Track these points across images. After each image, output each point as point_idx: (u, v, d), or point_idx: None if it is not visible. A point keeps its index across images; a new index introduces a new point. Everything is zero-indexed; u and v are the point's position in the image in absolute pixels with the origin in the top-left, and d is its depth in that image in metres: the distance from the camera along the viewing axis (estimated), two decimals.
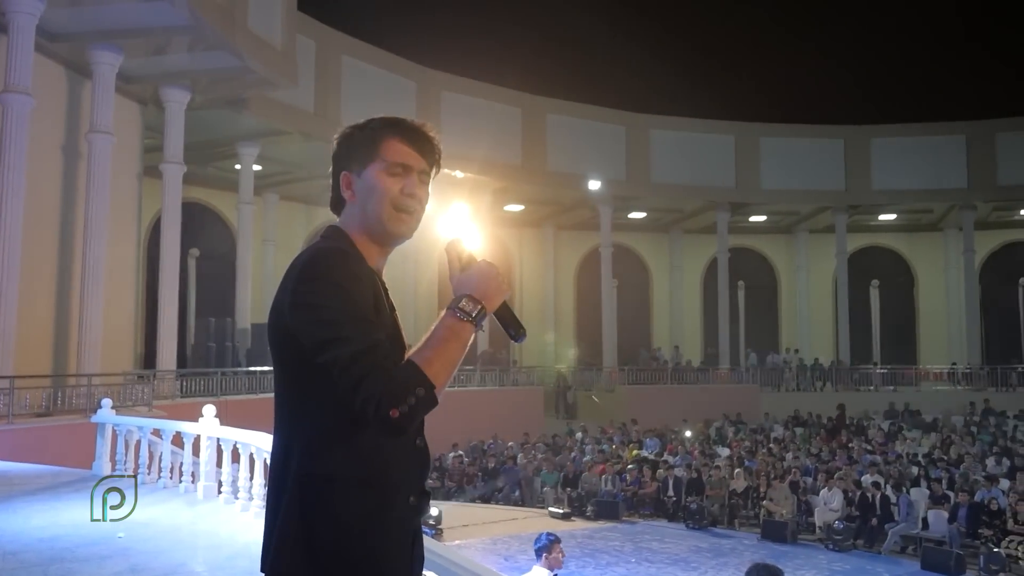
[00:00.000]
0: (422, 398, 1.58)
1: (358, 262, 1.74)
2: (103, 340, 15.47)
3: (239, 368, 19.55)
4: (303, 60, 20.10)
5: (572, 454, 19.66)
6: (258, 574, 1.71)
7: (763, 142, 29.24)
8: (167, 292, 17.77)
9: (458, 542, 13.68)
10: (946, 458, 18.45)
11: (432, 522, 13.81)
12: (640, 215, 31.34)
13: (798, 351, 29.85)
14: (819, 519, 14.90)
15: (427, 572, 4.61)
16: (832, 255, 30.24)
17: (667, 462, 18.26)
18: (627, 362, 28.62)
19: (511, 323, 1.79)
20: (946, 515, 13.94)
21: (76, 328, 15.44)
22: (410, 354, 1.65)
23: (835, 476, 15.80)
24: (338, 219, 1.87)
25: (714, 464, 17.96)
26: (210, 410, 9.22)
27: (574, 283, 32.72)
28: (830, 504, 14.95)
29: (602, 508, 16.29)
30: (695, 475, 16.90)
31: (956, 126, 29.19)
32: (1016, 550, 12.92)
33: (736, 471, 17.00)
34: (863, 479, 15.88)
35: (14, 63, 13.62)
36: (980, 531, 13.56)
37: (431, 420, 1.73)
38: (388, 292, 1.83)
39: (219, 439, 8.98)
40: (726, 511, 16.19)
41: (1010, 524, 13.45)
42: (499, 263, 1.80)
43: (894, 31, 44.01)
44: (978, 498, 14.30)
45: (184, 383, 17.72)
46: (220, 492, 8.88)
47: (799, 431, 23.18)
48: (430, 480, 17.78)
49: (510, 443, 20.81)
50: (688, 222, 32.00)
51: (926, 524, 14.23)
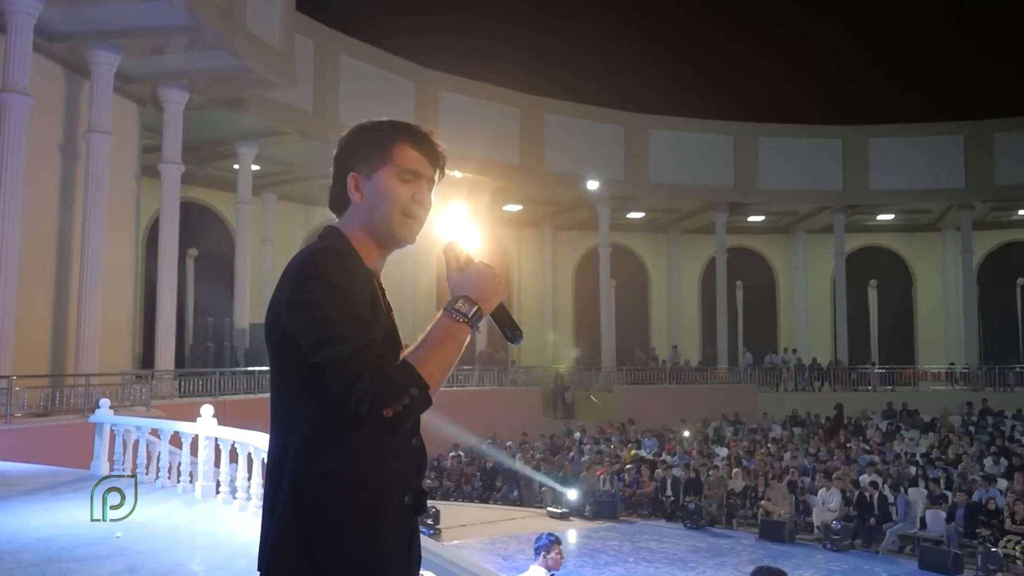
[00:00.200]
0: (416, 398, 1.58)
1: (355, 262, 1.75)
2: (101, 340, 15.46)
3: (237, 368, 19.55)
4: (301, 60, 20.10)
5: (570, 454, 19.68)
6: (256, 574, 1.72)
7: (761, 142, 29.24)
8: (165, 292, 17.76)
9: (456, 542, 13.69)
10: (944, 458, 18.47)
11: (430, 521, 13.82)
12: (638, 215, 31.35)
13: (796, 351, 29.84)
14: (817, 519, 14.92)
15: (425, 572, 4.62)
16: (830, 255, 30.25)
17: (665, 462, 18.28)
18: (625, 362, 28.64)
19: (507, 324, 1.79)
20: (944, 515, 13.95)
21: (74, 328, 15.42)
22: (405, 354, 1.65)
23: (833, 476, 15.81)
24: (337, 219, 1.87)
25: (712, 464, 17.98)
26: (208, 410, 9.21)
27: (572, 283, 32.73)
28: (828, 504, 14.96)
29: (600, 508, 16.32)
30: (693, 475, 16.92)
31: (954, 126, 29.20)
32: (1014, 549, 12.94)
33: (734, 471, 17.02)
34: (861, 479, 15.91)
35: (12, 63, 13.61)
36: (978, 531, 13.59)
37: (430, 420, 1.74)
38: (385, 293, 1.84)
39: (217, 439, 8.98)
40: (724, 511, 16.21)
41: (1008, 524, 13.48)
42: (497, 263, 1.80)
43: (892, 31, 44.07)
44: (976, 498, 14.32)
45: (182, 383, 17.72)
46: (218, 492, 8.88)
47: (797, 431, 23.19)
48: (428, 480, 17.89)
49: (508, 443, 20.81)
50: (686, 222, 32.01)
51: (924, 524, 14.25)
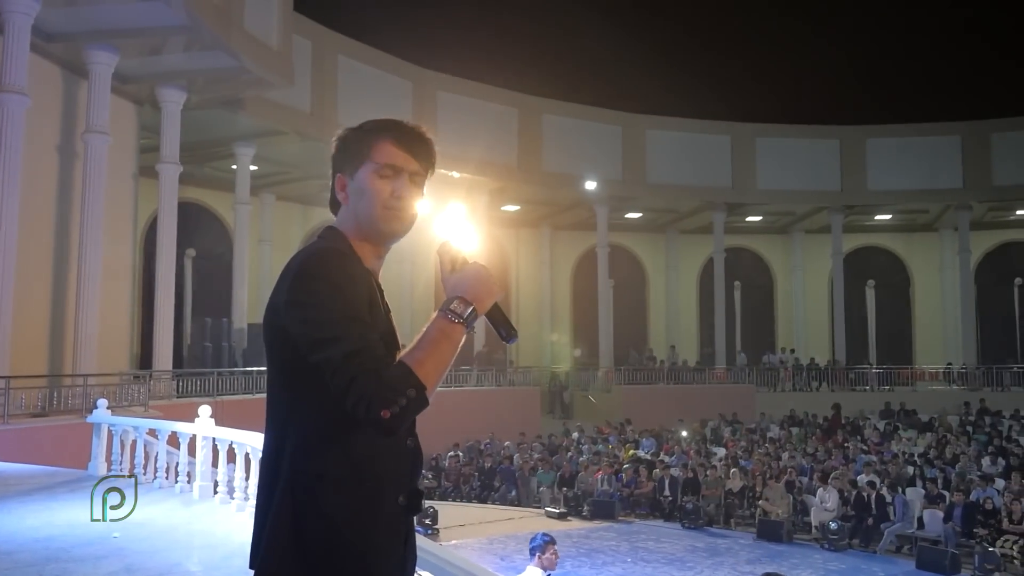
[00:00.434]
0: (413, 399, 1.59)
1: (354, 263, 1.75)
2: (99, 340, 15.44)
3: (235, 368, 19.55)
4: (299, 60, 20.09)
5: (568, 454, 19.69)
6: (250, 573, 1.72)
7: (759, 142, 29.25)
8: (163, 292, 17.75)
9: (454, 542, 13.70)
10: (942, 458, 18.49)
11: (428, 521, 13.83)
12: (636, 215, 31.36)
13: (794, 351, 29.86)
14: (815, 519, 14.93)
15: (422, 572, 4.62)
16: (828, 255, 30.26)
17: (663, 462, 18.29)
18: (623, 362, 28.66)
19: (502, 324, 1.80)
20: (941, 514, 13.98)
21: (72, 328, 15.40)
22: (402, 355, 1.65)
23: (831, 476, 15.82)
24: (335, 220, 1.88)
25: (710, 464, 18.00)
26: (206, 410, 9.21)
27: (570, 283, 32.74)
28: (826, 504, 14.98)
29: (598, 508, 16.32)
30: (691, 475, 16.94)
31: (951, 126, 29.22)
32: (1011, 549, 12.97)
33: (732, 471, 17.04)
34: (859, 479, 15.93)
35: (10, 63, 13.60)
36: (975, 530, 13.62)
37: (431, 420, 1.74)
38: (383, 293, 1.84)
39: (215, 439, 8.98)
40: (722, 511, 16.23)
41: (1005, 523, 13.51)
42: (495, 263, 1.80)
43: (889, 31, 44.13)
44: (973, 497, 14.35)
45: (180, 383, 17.70)
46: (216, 492, 8.88)
47: (795, 431, 23.20)
48: (427, 480, 17.89)
49: (506, 443, 20.82)
50: (684, 222, 32.03)
51: (922, 523, 14.28)
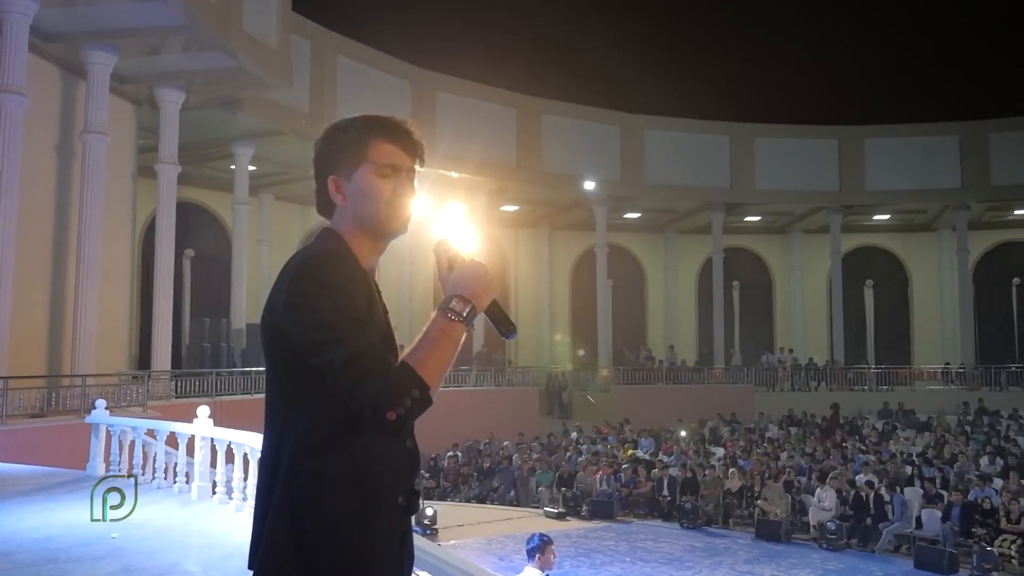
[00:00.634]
0: (417, 400, 1.59)
1: (352, 264, 1.75)
2: (97, 340, 15.43)
3: (234, 369, 19.54)
4: (298, 60, 20.08)
5: (567, 454, 19.69)
6: (249, 573, 1.72)
7: (757, 142, 29.26)
8: (162, 292, 17.75)
9: (453, 542, 13.70)
10: (940, 457, 18.51)
11: (427, 522, 13.83)
12: (635, 215, 31.37)
13: (792, 351, 29.87)
14: (813, 518, 14.94)
15: (421, 572, 4.62)
16: (826, 255, 30.25)
17: (662, 462, 18.30)
18: (622, 362, 28.67)
19: (501, 321, 1.81)
20: (940, 514, 13.98)
21: (70, 328, 15.41)
22: (403, 356, 1.65)
23: (829, 475, 15.84)
24: (329, 221, 1.87)
25: (708, 464, 18.01)
26: (204, 410, 9.21)
27: (569, 283, 32.74)
28: (824, 503, 14.99)
29: (597, 508, 16.32)
30: (690, 475, 16.95)
31: (949, 126, 29.23)
32: (1009, 549, 12.98)
33: (730, 471, 17.06)
34: (857, 478, 15.94)
35: (8, 63, 13.60)
36: (973, 530, 13.63)
37: (430, 420, 1.74)
38: (381, 293, 1.84)
39: (213, 439, 8.98)
40: (720, 511, 16.24)
41: (1003, 523, 13.52)
42: (494, 263, 1.80)
43: (888, 32, 44.17)
44: (971, 497, 14.36)
45: (179, 384, 17.69)
46: (214, 492, 8.88)
47: (793, 431, 23.22)
48: (427, 480, 17.88)
49: (505, 443, 20.82)
50: (683, 222, 32.04)
51: (920, 523, 14.29)
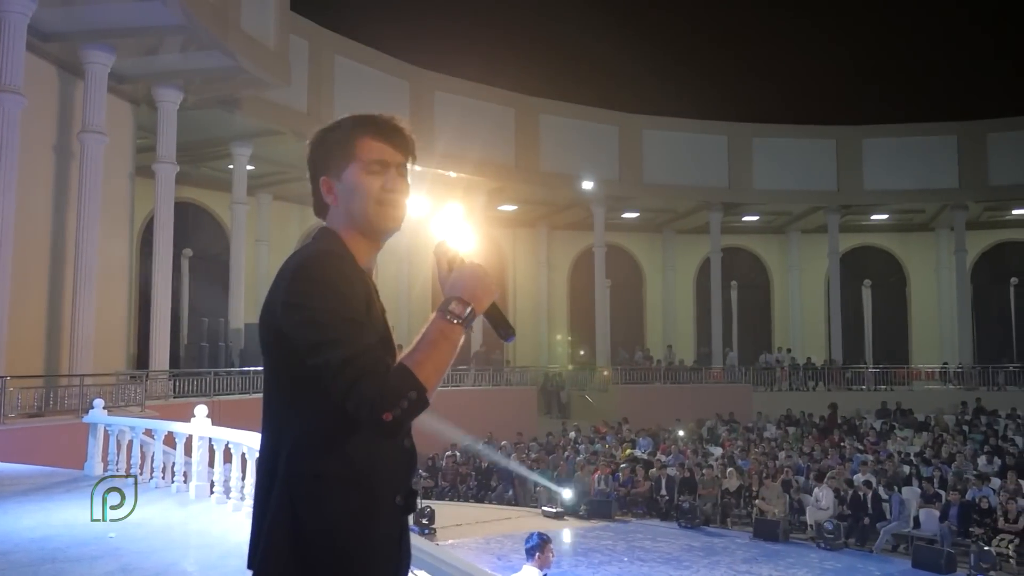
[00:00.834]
0: (414, 401, 1.59)
1: (350, 264, 1.75)
2: (95, 340, 15.42)
3: (232, 368, 19.53)
4: (296, 60, 20.07)
5: (565, 453, 19.69)
6: (248, 573, 1.72)
7: (755, 142, 29.27)
8: (160, 292, 17.73)
9: (451, 541, 13.70)
10: (938, 457, 18.53)
11: (425, 521, 13.82)
12: (633, 215, 31.38)
13: (790, 350, 29.89)
14: (811, 518, 14.96)
15: (419, 571, 4.63)
16: (824, 255, 30.27)
17: (660, 461, 18.32)
18: (620, 362, 28.68)
19: (500, 323, 1.81)
20: (937, 514, 14.01)
21: (68, 328, 15.40)
22: (401, 357, 1.66)
23: (827, 475, 15.86)
24: (325, 222, 1.88)
25: (707, 463, 18.02)
26: (202, 410, 9.21)
27: (567, 283, 32.75)
28: (822, 503, 15.01)
29: (595, 507, 16.33)
30: (688, 474, 16.96)
31: (947, 126, 29.26)
32: (1006, 548, 13.01)
33: (728, 470, 17.07)
34: (855, 478, 15.96)
35: (6, 62, 13.58)
36: (971, 529, 13.65)
37: (429, 420, 1.74)
38: (379, 293, 1.85)
39: (211, 439, 8.98)
40: (718, 510, 16.26)
41: (1001, 522, 13.54)
42: (493, 263, 1.80)
43: (886, 32, 44.22)
44: (969, 497, 14.37)
45: (177, 383, 17.67)
46: (212, 492, 8.88)
47: (791, 430, 23.24)
48: (426, 480, 17.88)
49: (503, 442, 20.82)
50: (681, 222, 32.05)
51: (917, 523, 14.32)
